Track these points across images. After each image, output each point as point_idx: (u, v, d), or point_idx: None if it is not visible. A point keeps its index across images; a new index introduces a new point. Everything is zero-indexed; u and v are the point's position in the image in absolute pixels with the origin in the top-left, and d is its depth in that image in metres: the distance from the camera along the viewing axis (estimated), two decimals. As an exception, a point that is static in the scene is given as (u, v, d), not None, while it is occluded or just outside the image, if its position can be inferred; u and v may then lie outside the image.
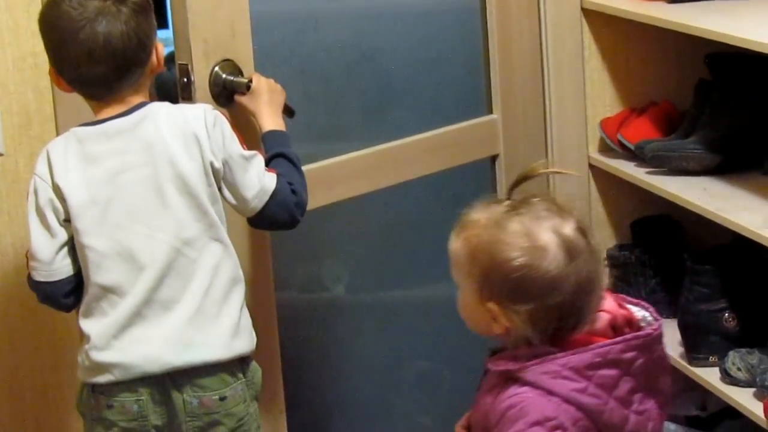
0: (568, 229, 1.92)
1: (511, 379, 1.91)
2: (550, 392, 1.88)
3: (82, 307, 2.37)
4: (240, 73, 2.61)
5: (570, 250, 1.90)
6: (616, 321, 1.94)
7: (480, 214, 1.99)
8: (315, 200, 2.59)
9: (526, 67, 3.18)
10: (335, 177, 2.85)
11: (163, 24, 3.49)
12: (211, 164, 2.36)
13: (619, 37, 3.22)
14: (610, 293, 1.99)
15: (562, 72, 3.19)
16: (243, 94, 2.59)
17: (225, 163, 2.38)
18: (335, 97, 3.02)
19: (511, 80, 3.17)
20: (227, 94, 2.60)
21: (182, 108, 2.42)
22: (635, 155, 3.09)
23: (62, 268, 2.35)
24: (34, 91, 2.71)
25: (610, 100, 3.25)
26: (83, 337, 2.37)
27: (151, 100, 2.43)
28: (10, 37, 2.69)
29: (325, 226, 2.94)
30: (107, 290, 2.33)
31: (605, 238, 3.28)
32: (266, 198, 2.42)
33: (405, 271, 3.22)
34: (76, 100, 2.43)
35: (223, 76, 2.59)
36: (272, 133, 2.54)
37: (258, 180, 2.42)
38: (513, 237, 1.91)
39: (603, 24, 3.19)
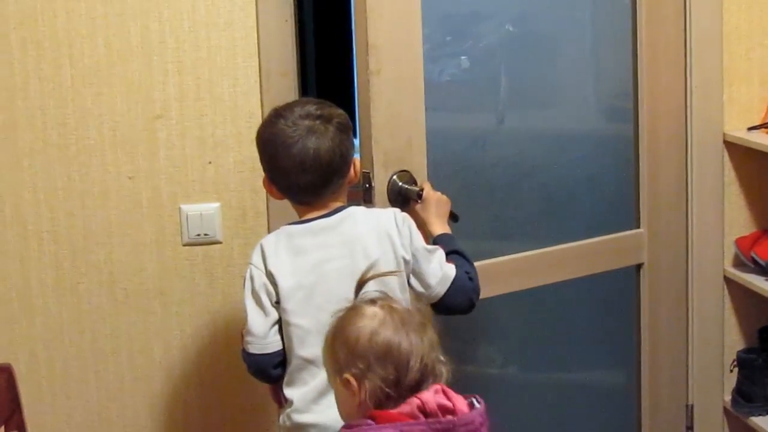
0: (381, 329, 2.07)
1: None
2: None
3: (286, 377, 2.54)
4: (414, 182, 2.74)
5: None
6: (426, 407, 2.03)
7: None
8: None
9: (671, 190, 3.29)
10: (496, 274, 2.96)
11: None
12: (403, 257, 2.54)
13: (755, 166, 3.30)
14: (441, 386, 2.07)
15: (703, 195, 3.30)
16: (415, 201, 2.72)
17: (413, 255, 2.56)
18: (499, 206, 3.12)
19: (657, 200, 3.28)
20: (402, 199, 2.73)
21: (375, 211, 2.62)
22: (765, 270, 3.20)
23: (273, 342, 2.52)
24: (251, 190, 2.99)
25: (745, 221, 3.35)
26: (286, 401, 2.54)
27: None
28: (233, 143, 2.98)
29: (484, 315, 2.99)
30: (308, 362, 2.50)
31: (735, 342, 3.38)
32: (448, 284, 2.59)
33: (552, 358, 3.30)
34: (285, 200, 2.60)
35: (400, 184, 2.73)
36: (443, 236, 2.71)
37: (440, 269, 2.59)
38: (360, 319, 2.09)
39: (742, 155, 3.28)
